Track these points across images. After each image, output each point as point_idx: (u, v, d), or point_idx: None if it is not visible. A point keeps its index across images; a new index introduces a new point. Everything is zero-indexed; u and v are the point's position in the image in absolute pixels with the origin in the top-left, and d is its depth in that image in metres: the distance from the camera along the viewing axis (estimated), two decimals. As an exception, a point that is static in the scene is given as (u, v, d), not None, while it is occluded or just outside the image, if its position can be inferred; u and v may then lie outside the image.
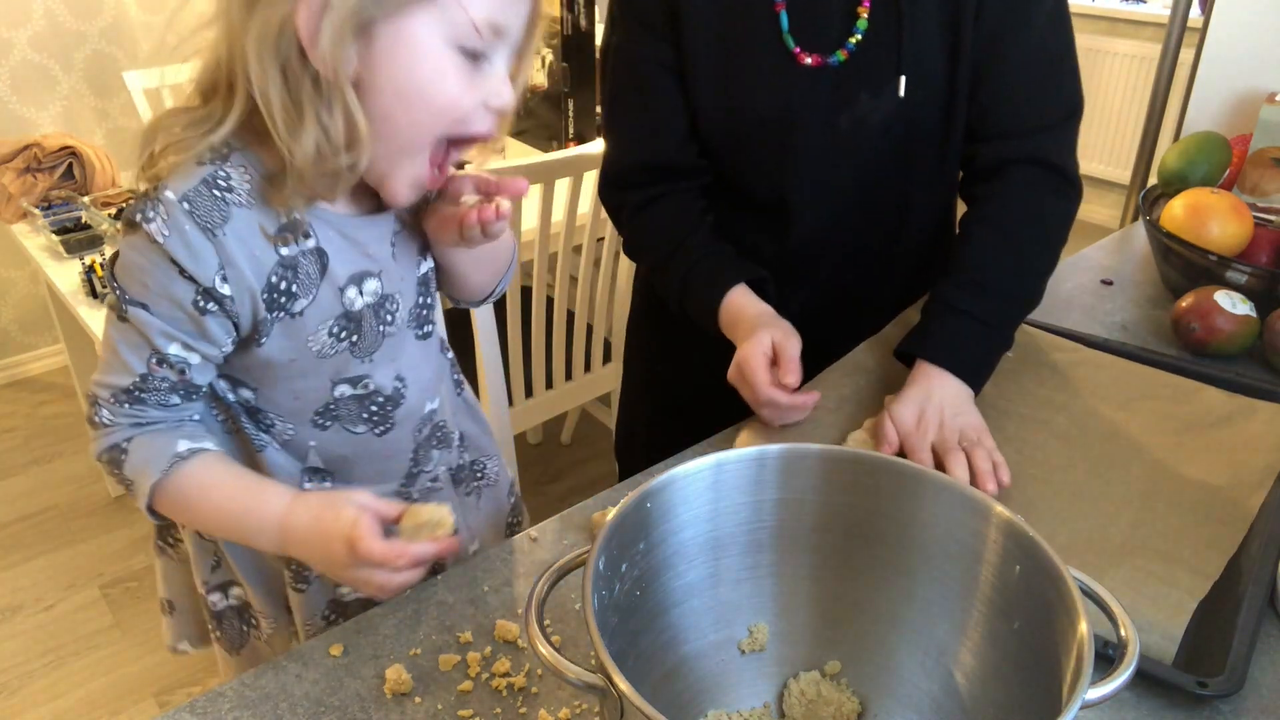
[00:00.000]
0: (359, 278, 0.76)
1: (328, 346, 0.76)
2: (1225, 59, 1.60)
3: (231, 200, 0.69)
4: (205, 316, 0.70)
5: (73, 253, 1.83)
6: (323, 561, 0.71)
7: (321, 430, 0.81)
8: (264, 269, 0.71)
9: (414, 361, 0.84)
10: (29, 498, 2.45)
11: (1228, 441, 0.96)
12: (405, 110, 0.67)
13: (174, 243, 0.67)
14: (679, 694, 0.68)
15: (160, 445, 0.73)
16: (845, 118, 1.02)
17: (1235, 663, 0.71)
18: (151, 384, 0.71)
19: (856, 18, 0.99)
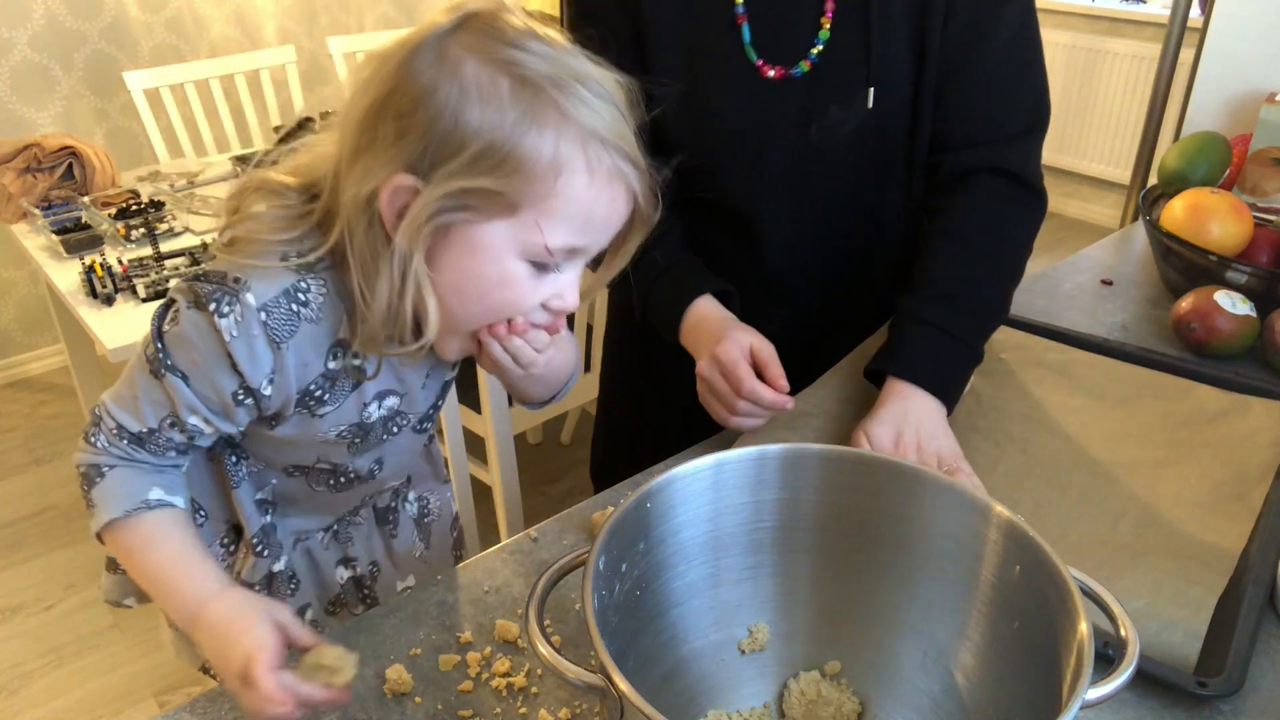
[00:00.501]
0: (383, 395, 0.78)
1: (330, 441, 0.79)
2: (1225, 59, 1.60)
3: (304, 315, 0.69)
4: (239, 407, 0.71)
5: (73, 253, 1.82)
6: (218, 662, 0.68)
7: (288, 477, 0.83)
8: (308, 376, 0.72)
9: (398, 450, 0.86)
10: (29, 498, 2.45)
11: (1224, 437, 0.97)
12: (463, 303, 0.69)
13: (239, 345, 0.67)
14: (679, 694, 0.68)
15: (134, 486, 0.73)
16: (815, 130, 1.01)
17: (1235, 663, 0.71)
18: (156, 439, 0.72)
19: (820, 28, 0.98)
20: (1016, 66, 1.01)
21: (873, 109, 0.99)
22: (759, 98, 1.00)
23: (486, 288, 0.68)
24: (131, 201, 1.98)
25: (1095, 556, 0.81)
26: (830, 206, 1.06)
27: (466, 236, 0.65)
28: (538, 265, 0.67)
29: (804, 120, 1.01)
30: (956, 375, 0.97)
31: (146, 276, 1.71)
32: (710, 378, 0.94)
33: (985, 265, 1.00)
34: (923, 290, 0.98)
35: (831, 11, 0.97)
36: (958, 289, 0.98)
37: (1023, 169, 1.02)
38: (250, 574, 0.86)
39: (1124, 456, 0.95)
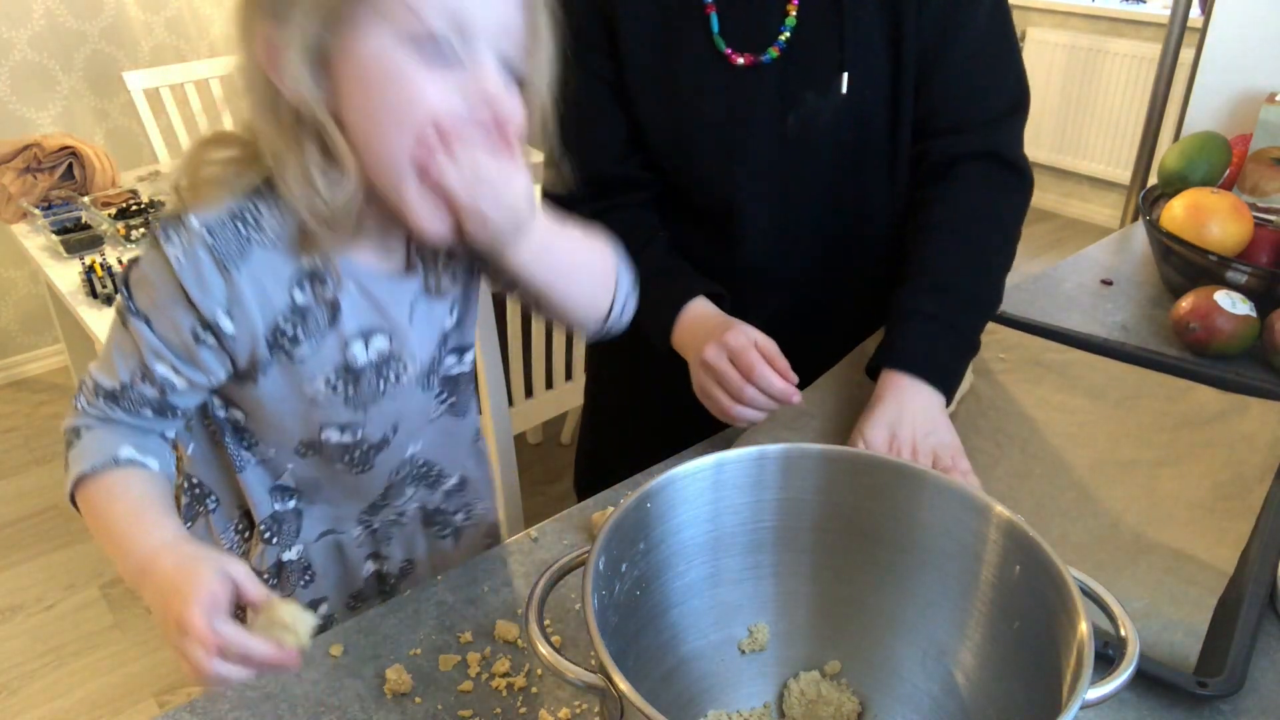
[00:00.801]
0: (368, 332, 0.75)
1: (321, 395, 0.76)
2: (1225, 59, 1.60)
3: (255, 239, 0.67)
4: (199, 347, 0.69)
5: (73, 253, 1.83)
6: (160, 615, 0.64)
7: (301, 458, 0.81)
8: (273, 310, 0.70)
9: (412, 412, 0.83)
10: (29, 498, 2.45)
11: (1224, 437, 0.97)
12: (380, 133, 0.64)
13: (186, 271, 0.66)
14: (679, 694, 0.68)
15: (106, 444, 0.71)
16: (793, 118, 1.01)
17: (1235, 663, 0.71)
18: (130, 394, 0.71)
19: (786, 15, 0.98)
20: (996, 48, 1.01)
21: (848, 95, 0.99)
22: (732, 87, 1.00)
23: (391, 101, 0.62)
24: (131, 201, 1.98)
25: (1096, 557, 0.81)
26: (812, 199, 1.05)
27: (351, 59, 0.62)
28: (435, 57, 0.62)
29: (781, 109, 1.00)
30: (953, 365, 0.97)
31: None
32: (718, 364, 0.92)
33: (977, 254, 1.00)
34: (916, 281, 0.98)
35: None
36: (951, 279, 0.98)
37: (1008, 150, 1.02)
38: (259, 561, 0.85)
39: (1124, 456, 0.95)
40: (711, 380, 0.93)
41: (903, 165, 1.06)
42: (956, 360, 0.97)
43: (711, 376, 0.93)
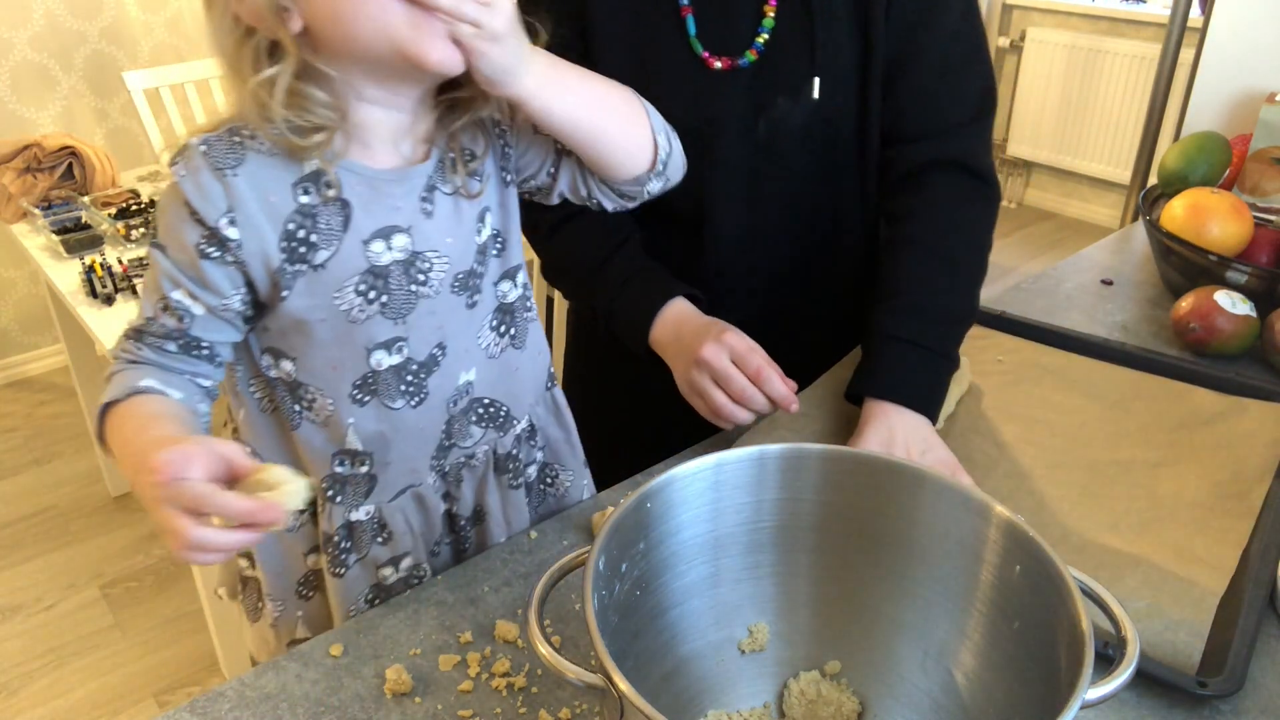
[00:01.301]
0: (386, 232, 0.75)
1: (357, 308, 0.75)
2: (1225, 59, 1.60)
3: (251, 146, 0.70)
4: (207, 262, 0.70)
5: (73, 253, 1.82)
6: (142, 498, 0.62)
7: (360, 406, 0.79)
8: (280, 215, 0.71)
9: (457, 330, 0.82)
10: (29, 498, 2.46)
11: (1223, 438, 0.97)
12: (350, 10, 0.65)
13: (187, 182, 0.69)
14: (679, 694, 0.68)
15: (130, 377, 0.72)
16: (763, 122, 1.00)
17: (1235, 663, 0.71)
18: (153, 327, 0.73)
19: (764, 16, 0.98)
20: (963, 53, 1.01)
21: (820, 100, 0.99)
22: (707, 91, 0.99)
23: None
24: (131, 201, 1.98)
25: (1097, 557, 0.81)
26: (782, 205, 1.05)
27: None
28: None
29: (752, 114, 1.00)
30: (935, 387, 0.97)
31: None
32: (717, 363, 0.92)
33: (950, 270, 0.99)
34: (890, 302, 0.97)
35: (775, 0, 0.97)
36: (925, 299, 0.97)
37: (974, 159, 1.02)
38: (327, 523, 0.83)
39: (1123, 457, 0.95)
40: (708, 379, 0.93)
41: (873, 172, 1.06)
42: (938, 381, 0.97)
43: (709, 375, 0.93)
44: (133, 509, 2.41)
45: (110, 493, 2.44)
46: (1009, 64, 4.13)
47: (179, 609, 2.08)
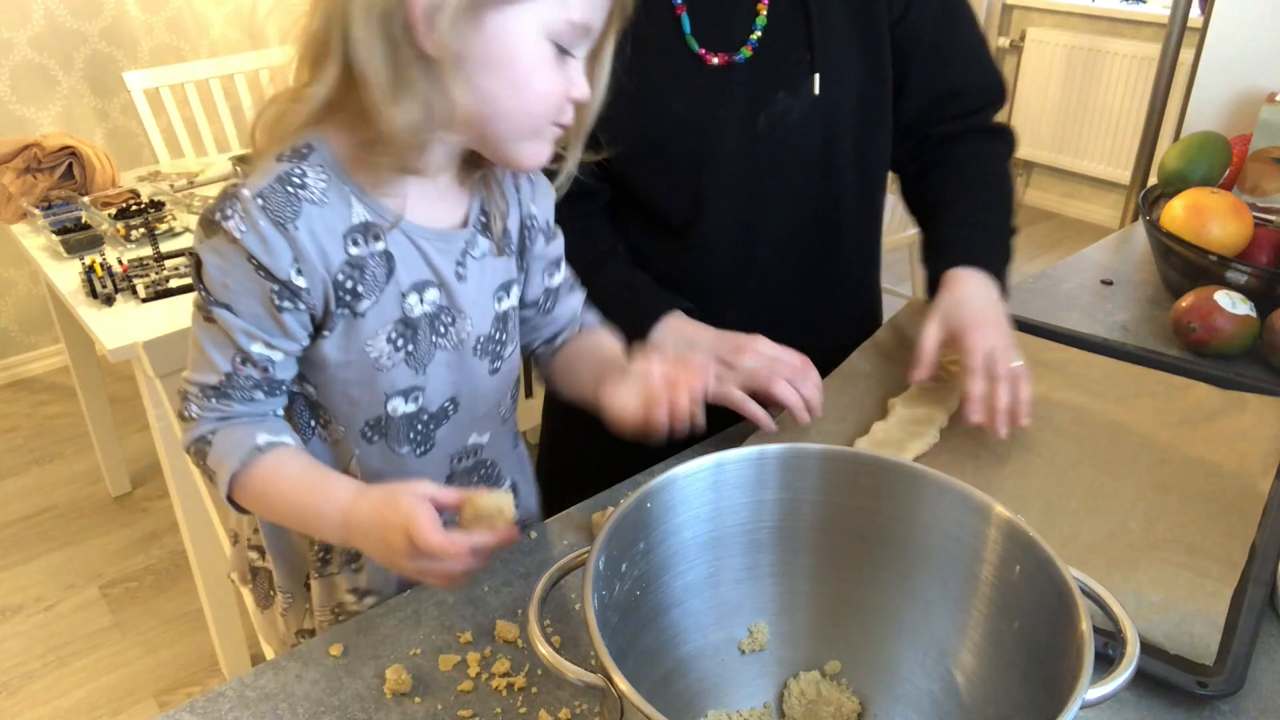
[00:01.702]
0: (421, 286, 0.77)
1: (385, 356, 0.77)
2: (1225, 59, 1.60)
3: (304, 197, 0.71)
4: (283, 314, 0.72)
5: (73, 253, 1.82)
6: (383, 554, 0.71)
7: (368, 444, 0.82)
8: (333, 266, 0.72)
9: (474, 389, 0.84)
10: (29, 498, 2.46)
11: (1224, 433, 0.97)
12: (513, 95, 0.70)
13: (250, 239, 0.69)
14: (679, 694, 0.68)
15: (241, 438, 0.75)
16: (763, 118, 1.01)
17: (1235, 662, 0.71)
18: (236, 381, 0.74)
19: (757, 14, 0.98)
20: (974, 45, 1.10)
21: (820, 96, 1.00)
22: (705, 88, 1.00)
23: (526, 74, 0.69)
24: (131, 201, 1.98)
25: (1108, 554, 0.82)
26: (780, 202, 1.05)
27: (500, 26, 0.68)
28: (560, 49, 0.71)
29: (752, 110, 1.01)
30: (1005, 262, 1.04)
31: (146, 276, 1.71)
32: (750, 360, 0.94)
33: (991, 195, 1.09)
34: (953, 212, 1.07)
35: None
36: (983, 211, 1.07)
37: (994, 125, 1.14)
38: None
39: (1126, 453, 0.95)
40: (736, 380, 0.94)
41: (872, 169, 1.08)
42: (1007, 262, 1.05)
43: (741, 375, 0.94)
44: (133, 509, 2.41)
45: (110, 493, 2.45)
46: (1009, 64, 4.13)
47: (179, 609, 2.08)
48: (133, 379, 1.73)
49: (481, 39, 0.68)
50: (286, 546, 0.90)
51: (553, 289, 0.92)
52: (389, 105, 0.67)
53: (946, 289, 0.99)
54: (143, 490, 2.47)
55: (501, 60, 0.69)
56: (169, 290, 1.69)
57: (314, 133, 0.72)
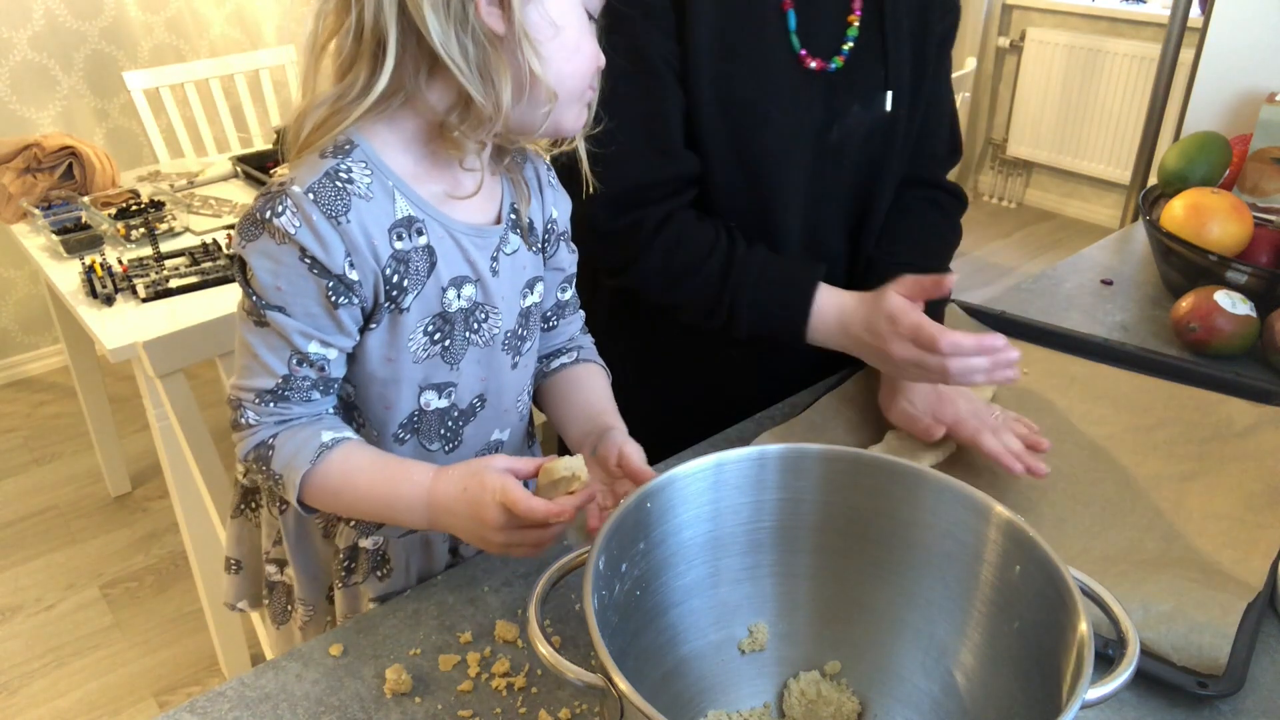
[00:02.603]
0: (459, 281, 0.78)
1: (421, 349, 0.78)
2: (1225, 59, 1.60)
3: (352, 192, 0.71)
4: (339, 310, 0.72)
5: (73, 253, 1.82)
6: (474, 530, 0.72)
7: (399, 444, 0.82)
8: (381, 259, 0.73)
9: (500, 384, 0.85)
10: (29, 498, 2.46)
11: (1255, 450, 0.95)
12: (567, 60, 0.73)
13: (304, 234, 0.69)
14: (679, 694, 0.68)
15: (305, 437, 0.75)
16: (836, 128, 1.02)
17: (1235, 663, 0.71)
18: (294, 383, 0.74)
19: (848, 25, 0.99)
20: (952, 106, 1.15)
21: (890, 113, 1.03)
22: (796, 90, 1.00)
23: (573, 41, 0.73)
24: (131, 201, 1.98)
25: (1118, 568, 0.80)
26: (834, 210, 1.07)
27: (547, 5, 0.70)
28: (590, 16, 0.75)
29: (828, 119, 1.01)
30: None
31: (146, 276, 1.71)
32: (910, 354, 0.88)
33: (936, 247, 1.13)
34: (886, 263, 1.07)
35: (860, 9, 0.99)
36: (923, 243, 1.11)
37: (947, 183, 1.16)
38: (340, 539, 0.87)
39: (1150, 470, 0.94)
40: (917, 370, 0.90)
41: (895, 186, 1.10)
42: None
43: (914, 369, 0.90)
44: (133, 509, 2.41)
45: (110, 493, 2.44)
46: (1009, 64, 4.13)
47: (179, 609, 2.08)
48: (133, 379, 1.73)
49: (541, 8, 0.70)
50: (311, 556, 0.90)
51: (562, 304, 0.93)
52: (478, 89, 0.69)
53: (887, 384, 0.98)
54: (143, 490, 2.47)
55: (557, 27, 0.71)
56: (169, 290, 1.69)
57: (354, 129, 0.72)
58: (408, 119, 0.73)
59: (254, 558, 0.97)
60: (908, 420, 0.96)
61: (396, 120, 0.73)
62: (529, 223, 0.84)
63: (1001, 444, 0.91)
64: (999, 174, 4.32)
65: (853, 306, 0.96)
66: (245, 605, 1.00)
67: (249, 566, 0.98)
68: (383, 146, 0.73)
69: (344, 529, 0.87)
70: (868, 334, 0.93)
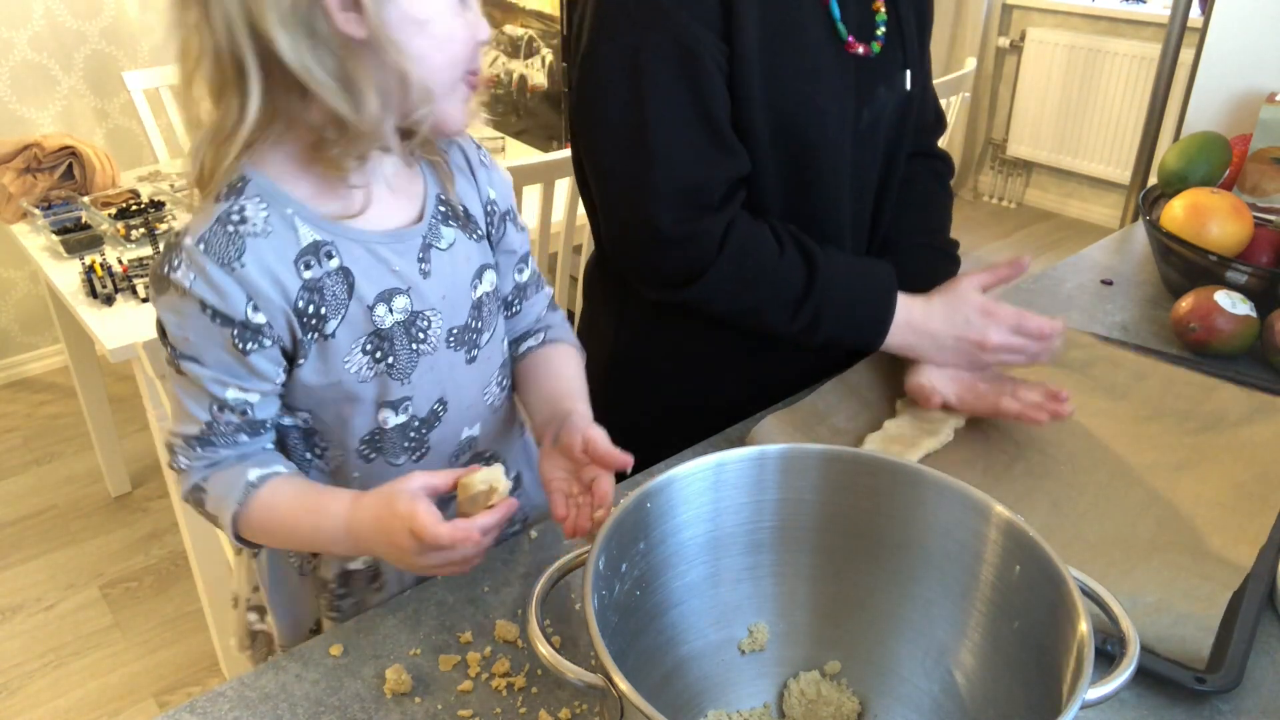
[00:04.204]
0: (387, 295, 0.76)
1: (365, 368, 0.76)
2: (1225, 59, 1.59)
3: (245, 232, 0.69)
4: (249, 356, 0.71)
5: (73, 253, 1.82)
6: (394, 555, 0.71)
7: (366, 462, 0.82)
8: (290, 294, 0.71)
9: (457, 384, 0.83)
10: (29, 498, 2.45)
11: (1249, 440, 0.96)
12: (438, 50, 0.70)
13: (199, 286, 0.68)
14: (679, 694, 0.68)
15: (232, 479, 0.75)
16: (866, 112, 1.02)
17: (1233, 659, 0.71)
18: (218, 429, 0.74)
19: (875, 11, 1.01)
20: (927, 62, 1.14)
21: (910, 91, 1.05)
22: (838, 78, 0.99)
23: (444, 30, 0.70)
24: (131, 201, 1.98)
25: (1108, 555, 0.81)
26: (867, 194, 1.08)
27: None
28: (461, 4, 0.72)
29: (858, 104, 1.01)
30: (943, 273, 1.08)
31: (146, 276, 1.71)
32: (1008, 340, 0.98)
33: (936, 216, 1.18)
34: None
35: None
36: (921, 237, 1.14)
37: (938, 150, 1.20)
38: (325, 569, 0.86)
39: (1144, 458, 0.94)
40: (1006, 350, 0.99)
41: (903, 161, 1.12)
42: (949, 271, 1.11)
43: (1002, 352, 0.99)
44: (133, 509, 2.41)
45: (110, 493, 2.44)
46: (1009, 64, 4.13)
47: (179, 609, 2.08)
48: (133, 379, 1.73)
49: (398, 5, 0.67)
50: (290, 601, 0.90)
51: (522, 285, 0.91)
52: (343, 102, 0.66)
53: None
54: (143, 490, 2.47)
55: (421, 21, 0.69)
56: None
57: (246, 161, 0.70)
58: (293, 142, 0.71)
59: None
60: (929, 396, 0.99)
61: (283, 144, 0.71)
62: (463, 209, 0.81)
63: (1021, 402, 0.95)
64: (999, 174, 4.32)
65: (924, 307, 1.00)
66: (235, 644, 1.00)
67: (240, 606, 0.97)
68: (278, 175, 0.71)
69: (325, 559, 0.86)
70: (957, 328, 0.98)
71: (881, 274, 1.00)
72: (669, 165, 0.91)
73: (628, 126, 0.92)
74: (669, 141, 0.91)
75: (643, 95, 0.91)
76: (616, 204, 0.97)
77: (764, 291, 0.97)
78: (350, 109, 0.67)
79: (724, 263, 0.95)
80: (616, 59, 0.91)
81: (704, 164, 0.93)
